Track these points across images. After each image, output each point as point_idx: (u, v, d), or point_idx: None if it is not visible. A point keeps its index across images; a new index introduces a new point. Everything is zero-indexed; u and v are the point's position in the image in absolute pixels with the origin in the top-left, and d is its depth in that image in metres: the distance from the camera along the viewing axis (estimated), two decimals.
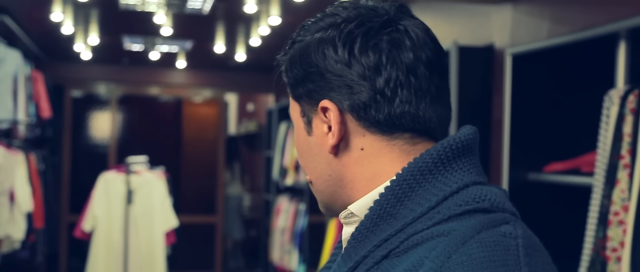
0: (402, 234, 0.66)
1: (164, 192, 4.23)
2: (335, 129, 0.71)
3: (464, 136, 0.70)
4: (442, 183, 0.67)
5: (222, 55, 5.65)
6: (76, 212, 6.08)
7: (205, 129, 6.90)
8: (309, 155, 0.75)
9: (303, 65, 0.73)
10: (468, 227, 0.63)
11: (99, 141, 6.63)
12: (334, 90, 0.71)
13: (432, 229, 0.64)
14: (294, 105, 0.76)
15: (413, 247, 0.64)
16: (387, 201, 0.68)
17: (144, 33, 4.88)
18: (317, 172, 0.75)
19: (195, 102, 6.98)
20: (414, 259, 0.63)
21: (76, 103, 6.53)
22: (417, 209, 0.67)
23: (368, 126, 0.71)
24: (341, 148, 0.72)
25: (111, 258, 4.05)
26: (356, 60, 0.69)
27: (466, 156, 0.69)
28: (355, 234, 0.70)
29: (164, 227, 4.18)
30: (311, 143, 0.74)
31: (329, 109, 0.71)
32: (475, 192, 0.67)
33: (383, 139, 0.71)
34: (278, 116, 5.61)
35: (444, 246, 0.62)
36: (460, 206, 0.65)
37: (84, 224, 4.07)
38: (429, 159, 0.68)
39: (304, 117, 0.75)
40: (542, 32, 2.44)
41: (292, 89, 0.76)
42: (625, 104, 1.87)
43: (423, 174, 0.68)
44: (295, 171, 4.85)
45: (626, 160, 1.85)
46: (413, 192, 0.67)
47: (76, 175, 6.47)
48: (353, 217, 0.73)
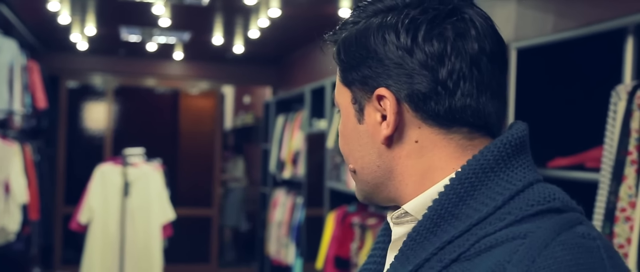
0: (470, 236, 0.63)
1: (161, 184, 4.20)
2: (392, 119, 0.68)
3: (521, 132, 0.68)
4: (505, 181, 0.64)
5: (220, 47, 5.61)
6: (71, 204, 6.04)
7: (202, 121, 6.86)
8: (357, 144, 0.71)
9: (360, 50, 0.69)
10: (546, 229, 0.60)
11: (94, 132, 6.59)
12: (392, 78, 0.67)
13: (505, 230, 0.61)
14: (342, 90, 0.72)
15: (486, 250, 0.61)
16: (449, 200, 0.65)
17: (142, 24, 4.84)
18: (363, 162, 0.71)
19: (192, 94, 6.93)
20: (490, 263, 0.59)
21: (72, 94, 6.48)
22: (482, 209, 0.63)
23: (425, 118, 0.67)
24: (394, 139, 0.69)
25: (107, 250, 4.02)
26: (419, 48, 0.66)
27: (524, 153, 0.67)
28: (413, 235, 0.66)
29: (161, 219, 4.15)
30: (361, 132, 0.71)
31: (386, 97, 0.68)
32: (543, 191, 0.64)
33: (440, 132, 0.68)
34: (275, 109, 5.58)
35: (526, 250, 0.58)
36: (532, 206, 0.62)
37: (80, 216, 4.04)
38: (490, 156, 0.65)
39: (355, 104, 0.71)
40: (547, 26, 2.42)
41: (343, 74, 0.72)
42: (633, 100, 1.85)
43: (485, 171, 0.65)
44: (292, 164, 4.83)
45: (634, 156, 1.84)
46: (476, 191, 0.64)
47: (71, 167, 6.43)
48: (407, 217, 0.70)
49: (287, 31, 4.87)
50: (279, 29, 4.75)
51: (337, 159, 3.78)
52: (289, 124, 5.04)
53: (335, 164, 3.82)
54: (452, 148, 0.68)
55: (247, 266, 6.70)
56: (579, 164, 2.12)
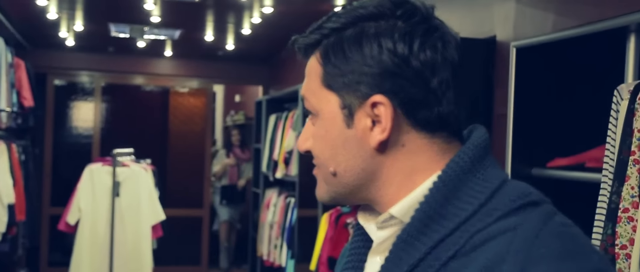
0: (462, 233, 0.66)
1: (151, 184, 4.14)
2: (388, 125, 0.70)
3: (485, 134, 0.73)
4: (482, 180, 0.69)
5: (211, 45, 5.55)
6: (58, 204, 5.95)
7: (192, 120, 6.79)
8: (342, 148, 0.72)
9: (354, 55, 0.70)
10: (532, 221, 0.65)
11: (82, 131, 6.49)
12: (388, 85, 0.69)
13: (495, 225, 0.66)
14: (325, 95, 0.73)
15: (481, 244, 0.65)
16: (436, 202, 0.68)
17: (131, 20, 4.77)
18: (346, 166, 0.72)
19: (182, 92, 6.85)
20: (488, 256, 0.64)
21: (59, 92, 6.38)
22: (468, 208, 0.67)
23: (414, 124, 0.71)
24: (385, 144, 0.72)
25: (96, 251, 3.95)
26: (415, 57, 0.69)
27: (490, 153, 0.73)
28: (404, 236, 0.69)
29: (151, 220, 4.09)
30: (348, 136, 0.72)
31: (382, 104, 0.69)
32: (518, 187, 0.69)
33: (425, 136, 0.71)
34: (267, 108, 5.53)
35: (521, 240, 0.63)
36: (514, 201, 0.67)
37: (69, 217, 3.96)
38: (467, 158, 0.70)
39: (344, 109, 0.71)
40: (547, 25, 2.39)
41: (331, 79, 0.72)
42: (635, 99, 1.83)
43: (465, 173, 0.69)
44: (285, 164, 4.78)
45: (636, 156, 1.81)
46: (459, 191, 0.68)
47: (58, 167, 6.33)
48: (392, 221, 0.72)
49: (279, 29, 4.82)
50: (272, 26, 4.70)
51: None
52: (281, 123, 4.99)
53: None
54: (434, 151, 0.72)
55: (238, 268, 6.64)
56: (579, 164, 2.09)
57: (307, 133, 0.76)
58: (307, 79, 0.75)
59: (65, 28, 5.01)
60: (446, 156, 0.71)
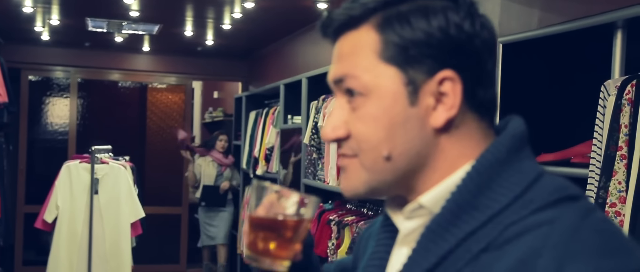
0: (495, 225, 0.64)
1: (130, 182, 4.08)
2: (457, 102, 0.66)
3: (522, 126, 0.70)
4: (518, 172, 0.66)
5: (190, 40, 5.48)
6: (32, 202, 5.83)
7: (171, 117, 6.70)
8: (401, 128, 0.67)
9: (420, 25, 0.65)
10: (571, 216, 0.62)
11: (57, 128, 6.37)
12: (454, 60, 0.66)
13: (531, 218, 0.63)
14: (384, 70, 0.66)
15: (515, 237, 0.62)
16: (469, 192, 0.65)
17: (109, 15, 4.68)
18: (404, 148, 0.67)
19: (160, 88, 6.76)
20: (523, 249, 0.61)
21: (33, 87, 6.25)
22: (501, 200, 0.64)
23: (470, 104, 0.68)
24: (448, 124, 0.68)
25: (74, 249, 3.87)
26: (478, 35, 0.67)
27: (527, 146, 0.69)
28: (433, 227, 0.66)
29: (130, 218, 4.03)
30: (410, 115, 0.66)
31: (451, 79, 0.66)
32: (556, 181, 0.66)
33: (476, 119, 0.69)
34: (246, 104, 5.48)
35: (559, 234, 0.60)
36: (552, 194, 0.64)
37: (46, 215, 3.88)
38: (502, 148, 0.67)
39: (409, 85, 0.66)
40: (532, 21, 2.40)
41: (393, 51, 0.66)
42: (622, 95, 1.84)
43: (500, 163, 0.66)
44: (265, 161, 4.74)
45: (623, 151, 1.82)
46: (493, 182, 0.66)
47: (32, 164, 6.21)
48: (421, 211, 0.69)
49: (261, 24, 4.78)
50: (253, 21, 4.65)
51: (314, 155, 3.71)
52: (261, 119, 4.95)
53: (311, 161, 3.75)
54: (479, 136, 0.69)
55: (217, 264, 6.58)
56: (565, 159, 2.10)
57: (339, 119, 0.69)
58: (349, 56, 0.69)
59: (40, 22, 4.90)
60: (483, 144, 0.69)
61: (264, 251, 0.74)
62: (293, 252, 0.75)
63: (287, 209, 0.75)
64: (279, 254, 0.74)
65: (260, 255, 0.75)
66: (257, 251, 0.75)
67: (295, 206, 0.75)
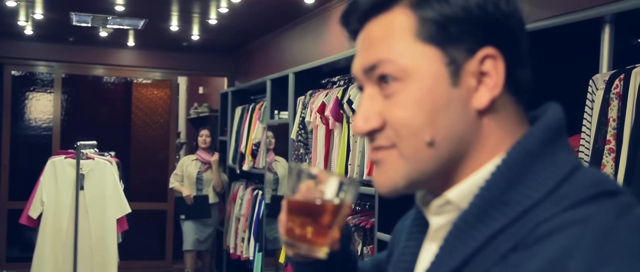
0: (525, 223, 0.59)
1: (116, 177, 4.04)
2: (500, 80, 0.62)
3: (559, 114, 0.66)
4: (552, 166, 0.62)
5: (175, 35, 5.45)
6: (16, 199, 5.76)
7: (156, 112, 6.65)
8: (444, 111, 0.62)
9: (461, 2, 0.62)
10: (607, 213, 0.57)
11: (41, 123, 6.29)
12: (496, 38, 0.62)
13: (563, 215, 0.58)
14: (422, 50, 0.63)
15: (546, 237, 0.57)
16: (498, 187, 0.61)
17: (94, 10, 4.63)
18: (446, 133, 0.63)
19: (145, 83, 6.70)
20: (554, 250, 0.56)
21: (16, 82, 6.17)
22: (532, 195, 0.60)
23: (510, 85, 0.64)
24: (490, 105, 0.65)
25: (59, 245, 3.83)
26: (512, 15, 0.63)
27: (564, 136, 0.65)
28: (460, 224, 0.62)
29: (116, 213, 4.00)
30: (453, 97, 0.62)
31: (493, 57, 0.62)
32: (592, 174, 0.62)
33: (513, 102, 0.65)
34: (232, 100, 5.46)
35: (592, 234, 0.55)
36: (586, 190, 0.59)
37: (31, 211, 3.84)
38: (535, 140, 0.63)
39: (451, 65, 0.62)
40: None
41: (432, 30, 0.63)
42: (610, 89, 1.86)
43: (532, 156, 0.62)
44: (252, 157, 4.73)
45: (612, 145, 1.84)
46: (524, 177, 0.61)
47: (16, 159, 6.13)
48: (448, 206, 0.66)
49: (247, 19, 4.76)
50: (239, 16, 4.63)
51: (301, 151, 3.71)
52: (248, 115, 4.93)
53: (298, 156, 3.74)
54: (517, 121, 0.65)
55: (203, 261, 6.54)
56: None
57: (371, 109, 0.65)
58: (382, 40, 0.64)
59: (24, 16, 4.84)
60: (519, 132, 0.65)
61: (301, 236, 0.71)
62: (331, 239, 0.72)
63: (326, 194, 0.71)
64: (316, 241, 0.71)
65: (297, 241, 0.72)
66: (294, 236, 0.72)
67: (335, 190, 0.71)
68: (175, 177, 5.42)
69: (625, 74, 1.81)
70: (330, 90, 3.42)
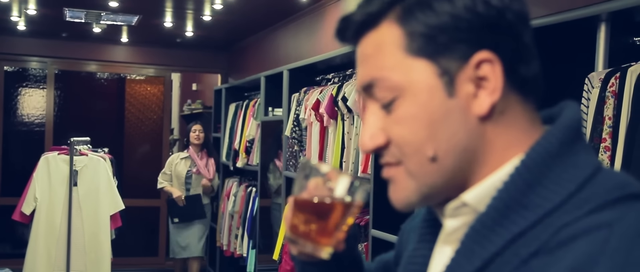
0: (546, 227, 0.57)
1: (110, 173, 4.03)
2: (499, 83, 0.60)
3: (577, 114, 0.63)
4: (573, 167, 0.59)
5: (169, 31, 5.43)
6: (8, 195, 5.73)
7: (150, 108, 6.63)
8: (443, 123, 0.61)
9: (444, 9, 0.60)
10: (633, 217, 0.54)
11: (34, 119, 6.25)
12: (489, 40, 0.60)
13: (586, 219, 0.55)
14: (413, 65, 0.61)
15: (569, 241, 0.55)
16: (517, 189, 0.59)
17: (87, 6, 4.61)
18: (449, 145, 0.61)
19: (139, 80, 6.68)
20: (577, 255, 0.54)
21: (9, 78, 6.13)
22: (553, 198, 0.58)
23: (513, 84, 0.61)
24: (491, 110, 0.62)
25: (53, 242, 3.82)
26: (508, 7, 0.60)
27: (583, 136, 0.63)
28: (478, 227, 0.60)
29: (110, 210, 3.98)
30: (450, 108, 0.60)
31: (488, 60, 0.60)
32: (615, 176, 0.59)
33: (520, 100, 0.62)
34: (226, 96, 5.45)
35: (619, 239, 0.53)
36: (610, 192, 0.57)
37: (24, 207, 3.82)
38: (555, 140, 0.60)
39: (443, 75, 0.60)
40: None
41: (420, 42, 0.61)
42: (606, 87, 1.86)
43: (552, 157, 0.60)
44: (245, 154, 4.72)
45: (607, 143, 1.85)
46: (545, 178, 0.59)
47: (8, 155, 6.10)
48: (465, 208, 0.63)
49: (241, 15, 4.75)
50: (233, 12, 4.62)
51: (295, 148, 3.70)
52: (242, 112, 4.92)
53: (292, 153, 3.74)
54: (527, 120, 0.63)
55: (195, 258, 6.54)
56: None
57: (375, 126, 0.64)
58: (373, 58, 0.63)
59: (17, 12, 4.80)
60: (535, 129, 0.63)
61: (305, 234, 0.70)
62: (336, 240, 0.70)
63: (335, 193, 0.69)
64: (321, 240, 0.70)
65: (301, 238, 0.71)
66: (298, 233, 0.71)
67: (345, 189, 0.70)
68: (164, 177, 5.14)
69: (621, 72, 1.82)
70: (324, 88, 3.42)
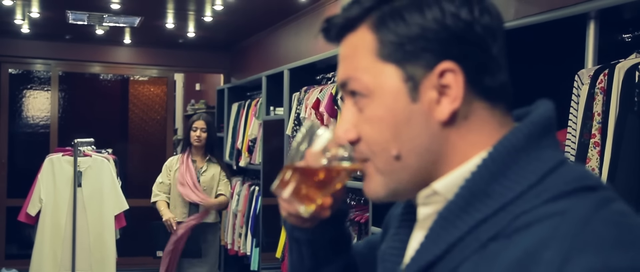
0: (505, 214, 0.62)
1: (114, 174, 4.08)
2: (460, 93, 0.65)
3: (549, 112, 0.67)
4: (536, 160, 0.64)
5: (171, 32, 5.47)
6: (14, 196, 5.80)
7: (153, 109, 6.68)
8: (405, 126, 0.66)
9: (415, 20, 0.65)
10: (585, 206, 0.59)
11: (38, 121, 6.32)
12: (454, 51, 0.64)
13: (543, 207, 0.60)
14: (382, 69, 0.66)
15: (525, 227, 0.60)
16: (482, 179, 0.64)
17: (90, 8, 4.66)
18: (410, 146, 0.66)
19: (142, 80, 6.73)
20: (531, 240, 0.58)
21: (13, 81, 6.19)
22: (515, 188, 0.62)
23: (478, 93, 0.66)
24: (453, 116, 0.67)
25: (58, 242, 3.87)
26: (477, 21, 0.65)
27: (552, 133, 0.67)
28: (445, 213, 0.65)
29: (114, 210, 4.03)
30: (413, 112, 0.65)
31: (451, 70, 0.64)
32: (575, 170, 0.64)
33: (487, 107, 0.67)
34: (229, 96, 5.49)
35: (568, 226, 0.57)
36: (568, 184, 0.61)
37: (29, 208, 3.87)
38: (521, 135, 0.65)
39: (408, 81, 0.65)
40: (509, 12, 2.44)
41: (390, 49, 0.66)
42: (595, 84, 1.89)
43: (517, 150, 0.64)
44: (248, 153, 4.76)
45: (596, 138, 1.88)
46: (509, 170, 0.63)
47: (14, 157, 6.16)
48: (435, 197, 0.68)
49: (242, 16, 4.78)
50: (234, 13, 4.66)
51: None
52: (244, 111, 4.97)
53: None
54: (495, 125, 0.67)
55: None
56: None
57: (349, 121, 0.69)
58: (350, 58, 0.69)
59: (20, 15, 4.86)
60: (502, 131, 0.67)
61: (294, 191, 0.75)
62: (321, 200, 0.75)
63: (323, 160, 0.75)
64: (304, 200, 0.75)
65: (285, 189, 0.75)
66: (284, 186, 0.75)
67: (333, 156, 0.75)
68: (161, 187, 3.96)
69: (609, 69, 1.84)
70: (324, 87, 3.46)
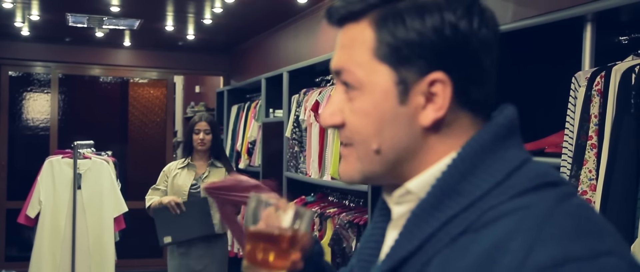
0: (474, 209, 0.65)
1: (113, 176, 4.08)
2: (446, 103, 0.67)
3: (512, 114, 0.71)
4: (502, 159, 0.67)
5: (171, 35, 5.48)
6: (14, 198, 5.80)
7: (153, 111, 6.69)
8: (390, 124, 0.69)
9: (415, 26, 0.66)
10: (547, 201, 0.63)
11: (38, 123, 6.33)
12: (447, 62, 0.66)
13: (509, 203, 0.64)
14: (378, 68, 0.68)
15: (492, 221, 0.63)
16: (452, 178, 0.67)
17: (90, 11, 4.67)
18: (392, 142, 0.69)
19: (142, 83, 6.74)
20: (498, 233, 0.62)
21: (13, 83, 6.20)
22: (483, 185, 0.66)
23: (463, 104, 0.69)
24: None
25: (57, 244, 3.88)
26: (474, 34, 0.67)
27: (516, 134, 0.70)
28: (417, 211, 0.68)
29: (113, 212, 4.04)
30: (399, 113, 0.68)
31: (442, 82, 0.67)
32: (538, 167, 0.67)
33: (469, 116, 0.70)
34: (228, 98, 5.50)
35: (532, 219, 0.61)
36: (531, 181, 0.65)
37: (29, 210, 3.88)
38: (487, 136, 0.68)
39: (400, 84, 0.68)
40: (507, 15, 2.45)
41: (386, 50, 0.68)
42: (592, 86, 1.90)
43: (484, 151, 0.68)
44: (248, 155, 4.77)
45: (593, 140, 1.88)
46: (476, 169, 0.67)
47: (13, 159, 6.17)
48: (408, 196, 0.71)
49: (241, 18, 4.80)
50: (233, 16, 4.67)
51: (295, 148, 3.75)
52: (243, 113, 4.98)
53: (293, 154, 3.79)
54: (473, 131, 0.70)
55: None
56: (539, 149, 2.16)
57: (337, 106, 0.72)
58: (347, 49, 0.71)
59: (20, 17, 4.87)
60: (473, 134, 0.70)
61: (262, 262, 0.78)
62: (290, 262, 0.79)
63: (284, 222, 0.79)
64: (276, 265, 0.78)
65: (258, 265, 0.78)
66: (256, 261, 0.79)
67: (291, 218, 0.79)
68: (157, 193, 3.70)
69: (606, 71, 1.85)
70: (323, 89, 3.47)
